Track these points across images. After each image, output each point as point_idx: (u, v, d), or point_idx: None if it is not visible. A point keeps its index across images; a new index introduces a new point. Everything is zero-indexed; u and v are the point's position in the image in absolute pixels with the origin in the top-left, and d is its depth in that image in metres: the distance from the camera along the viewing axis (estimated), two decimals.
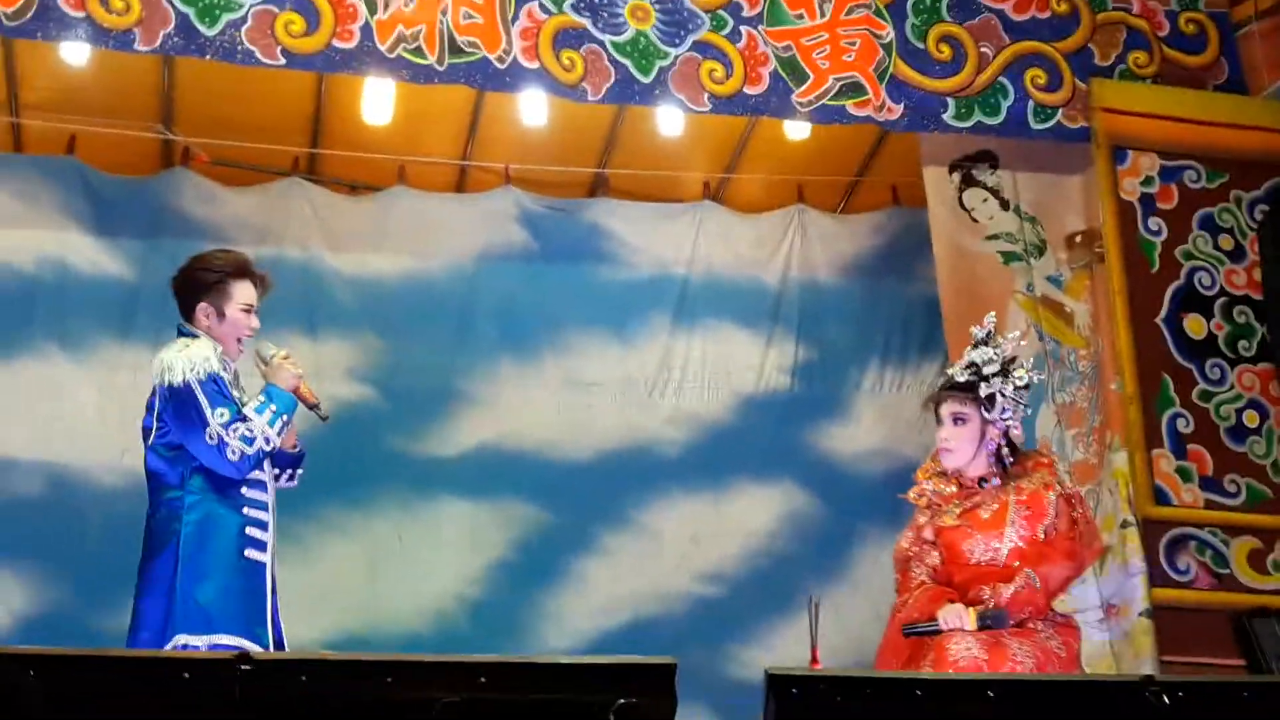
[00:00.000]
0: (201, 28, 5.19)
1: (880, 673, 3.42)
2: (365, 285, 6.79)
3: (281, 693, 2.44)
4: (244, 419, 4.06)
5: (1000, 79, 6.04)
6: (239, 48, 5.25)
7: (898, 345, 7.24)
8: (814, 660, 3.81)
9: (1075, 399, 5.98)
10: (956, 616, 3.83)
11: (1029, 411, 4.35)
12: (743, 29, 5.82)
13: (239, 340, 4.27)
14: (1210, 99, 6.25)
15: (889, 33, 5.93)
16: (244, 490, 4.14)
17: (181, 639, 3.89)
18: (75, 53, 5.70)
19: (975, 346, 4.17)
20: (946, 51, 6.01)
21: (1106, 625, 5.61)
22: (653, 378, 7.02)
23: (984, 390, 4.06)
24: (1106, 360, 5.90)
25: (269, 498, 4.22)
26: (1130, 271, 5.89)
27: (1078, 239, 6.20)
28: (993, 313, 4.26)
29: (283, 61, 5.33)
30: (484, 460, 6.73)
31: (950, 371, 4.22)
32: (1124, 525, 5.58)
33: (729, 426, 6.99)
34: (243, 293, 4.27)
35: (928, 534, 4.13)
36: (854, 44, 5.92)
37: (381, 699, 2.46)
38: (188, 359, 4.08)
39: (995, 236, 6.23)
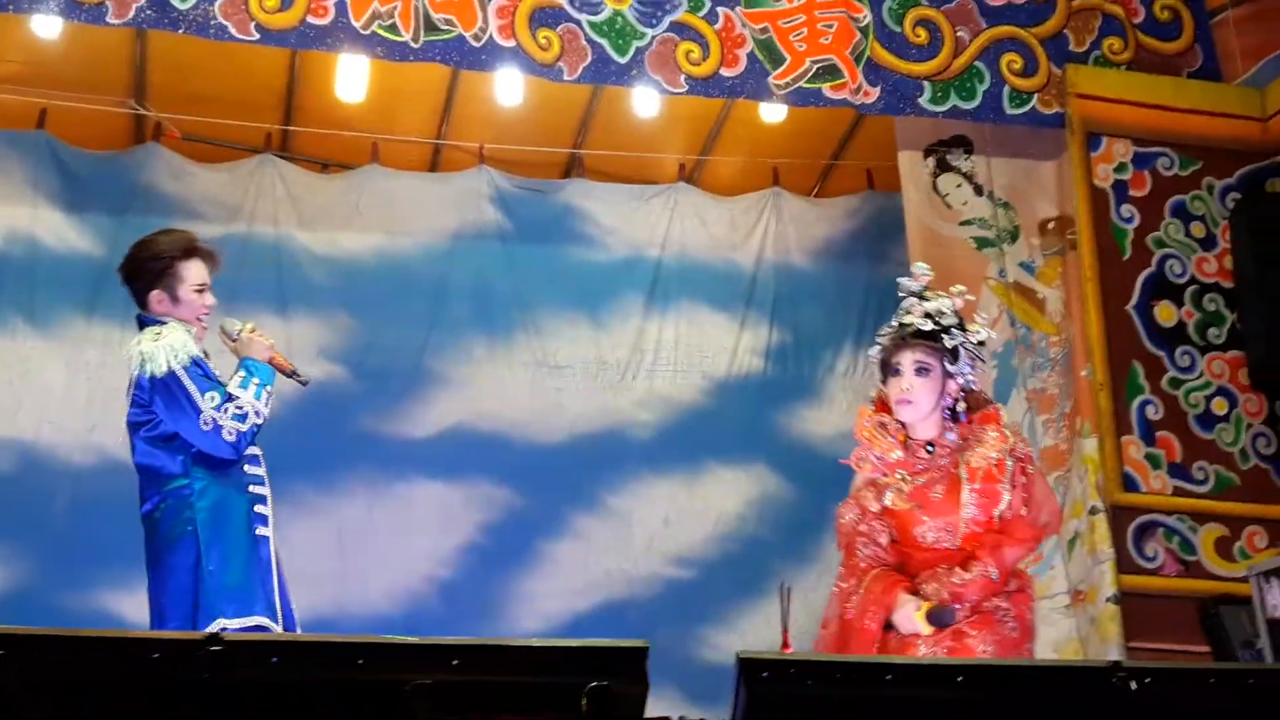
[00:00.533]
0: (175, 1, 5.15)
1: (851, 657, 3.42)
2: (337, 264, 6.76)
3: (252, 674, 2.43)
4: (232, 398, 4.02)
5: (976, 63, 6.06)
6: (212, 22, 5.21)
7: (871, 329, 7.19)
8: (785, 644, 3.81)
9: (1046, 385, 6.01)
10: (909, 621, 3.64)
11: (983, 368, 4.10)
12: (720, 10, 5.81)
13: (198, 319, 4.20)
14: (1184, 86, 6.27)
15: (866, 16, 5.94)
16: (245, 468, 4.12)
17: (221, 623, 3.85)
18: (46, 26, 5.64)
19: (919, 298, 3.88)
20: (923, 35, 6.02)
21: (1074, 611, 5.64)
22: (625, 360, 7.01)
23: (949, 341, 3.77)
24: (1077, 347, 5.93)
25: (264, 472, 4.18)
26: (1102, 258, 5.92)
27: (1051, 225, 6.22)
28: (924, 264, 4.00)
29: (256, 37, 5.29)
30: (455, 441, 6.71)
31: (907, 320, 3.84)
32: (1093, 511, 5.61)
33: (701, 409, 7.00)
34: (193, 273, 4.18)
35: (874, 506, 3.84)
36: (831, 27, 5.91)
37: (353, 681, 2.45)
38: (168, 346, 4.02)
39: (969, 222, 6.24)
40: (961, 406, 3.81)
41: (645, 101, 6.32)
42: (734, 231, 7.26)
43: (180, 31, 5.20)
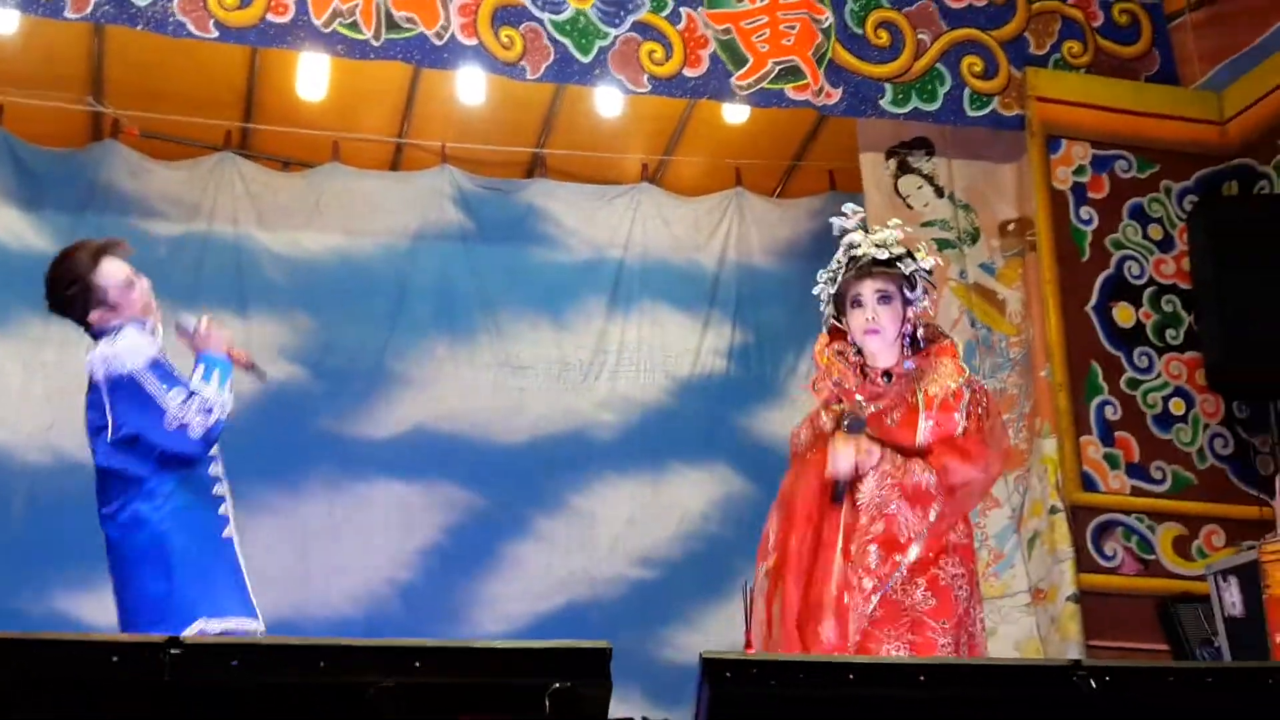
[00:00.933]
0: None
1: (813, 657, 3.43)
2: (297, 263, 6.71)
3: (212, 677, 2.41)
4: (194, 394, 3.96)
5: (937, 65, 6.09)
6: (170, 19, 5.17)
7: None
8: (748, 645, 3.81)
9: (1006, 385, 6.05)
10: (836, 457, 3.64)
11: (936, 296, 4.11)
12: (683, 10, 5.81)
13: (146, 310, 4.15)
14: (1142, 90, 6.33)
15: (828, 17, 5.96)
16: (209, 470, 4.07)
17: (200, 624, 3.83)
18: (3, 21, 5.58)
19: (864, 231, 3.89)
20: (885, 37, 6.05)
21: (1034, 609, 5.68)
22: (588, 361, 7.00)
23: (905, 268, 3.78)
24: (1037, 347, 5.97)
25: (223, 472, 4.15)
26: (1061, 260, 5.96)
27: (1010, 227, 6.26)
28: (851, 204, 4.02)
29: (215, 34, 5.25)
30: (417, 442, 6.68)
31: (858, 253, 3.83)
32: (1052, 511, 5.65)
33: (664, 410, 7.00)
34: (112, 273, 4.12)
35: (828, 428, 3.79)
36: (793, 28, 5.93)
37: (314, 683, 2.43)
38: (128, 348, 3.97)
39: (930, 224, 6.28)
40: (921, 333, 3.82)
41: (608, 101, 6.32)
42: (697, 232, 7.27)
43: (138, 28, 5.16)
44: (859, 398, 3.77)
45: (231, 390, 4.08)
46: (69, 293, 4.11)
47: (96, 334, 4.12)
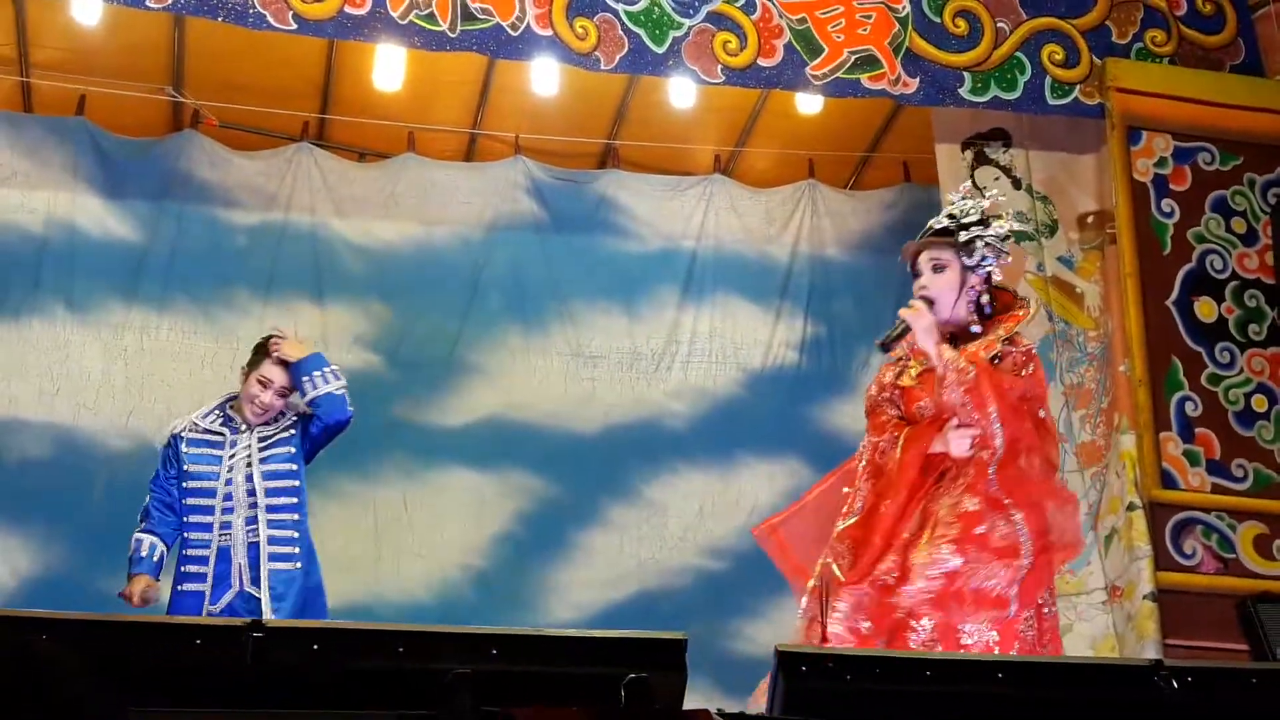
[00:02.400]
0: None
1: (890, 652, 3.41)
2: (373, 253, 6.78)
3: (293, 660, 2.44)
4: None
5: (1017, 54, 6.01)
6: (250, 11, 5.21)
7: None
8: (824, 638, 3.80)
9: (1084, 380, 5.97)
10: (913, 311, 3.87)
11: (1008, 260, 4.18)
12: (758, 0, 5.78)
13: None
14: (1226, 80, 6.21)
15: (905, 7, 5.90)
16: None
17: None
18: (86, 12, 5.68)
19: (954, 204, 4.09)
20: (963, 26, 5.98)
21: (1110, 607, 5.61)
22: (660, 351, 7.01)
23: (962, 236, 3.94)
24: (1116, 342, 5.88)
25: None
26: (1142, 253, 5.87)
27: (1089, 219, 6.17)
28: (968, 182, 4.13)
29: (294, 27, 5.30)
30: (490, 431, 6.72)
31: (930, 223, 4.08)
32: (1130, 508, 5.57)
33: (736, 401, 6.99)
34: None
35: (888, 378, 4.10)
36: (870, 17, 5.88)
37: (392, 668, 2.46)
38: None
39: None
40: (986, 299, 3.95)
41: (681, 92, 6.30)
42: (769, 224, 7.24)
43: (219, 19, 5.21)
44: (918, 360, 4.00)
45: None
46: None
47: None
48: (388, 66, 6.21)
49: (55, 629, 2.40)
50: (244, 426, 4.86)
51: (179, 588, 4.66)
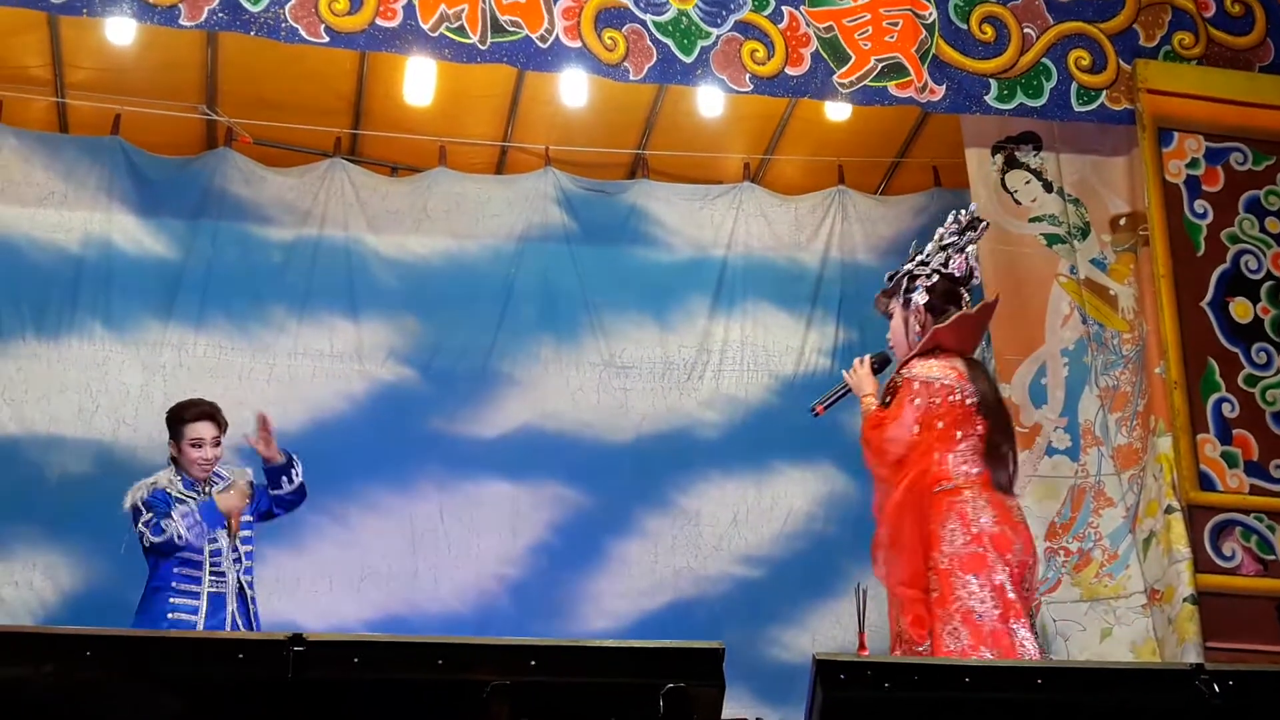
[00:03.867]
0: (246, 4, 5.20)
1: (928, 660, 3.41)
2: (406, 266, 6.82)
3: (333, 674, 2.46)
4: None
5: (1044, 60, 5.99)
6: (283, 25, 5.26)
7: None
8: (861, 646, 3.83)
9: (1119, 383, 5.94)
10: (854, 375, 4.58)
11: (957, 255, 4.59)
12: (784, 9, 5.79)
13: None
14: (1256, 80, 6.17)
15: (931, 13, 5.89)
16: None
17: None
18: (120, 32, 5.74)
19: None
20: (989, 32, 5.97)
21: (1150, 610, 5.57)
22: (692, 360, 7.02)
23: (892, 283, 4.57)
24: (1151, 344, 5.85)
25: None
26: (1175, 254, 5.84)
27: (1122, 221, 6.15)
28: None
29: (326, 40, 5.34)
30: (524, 442, 6.75)
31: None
32: (1169, 510, 5.54)
33: (768, 409, 6.98)
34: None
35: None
36: (896, 25, 5.88)
37: (432, 681, 2.47)
38: None
39: (1038, 219, 6.18)
40: (917, 329, 4.46)
41: (710, 101, 6.32)
42: (799, 231, 7.24)
43: (252, 34, 5.26)
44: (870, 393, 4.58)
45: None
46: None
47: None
48: (418, 81, 6.25)
49: (98, 646, 2.43)
50: (204, 490, 5.17)
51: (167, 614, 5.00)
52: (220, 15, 5.23)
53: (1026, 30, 6.00)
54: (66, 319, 6.37)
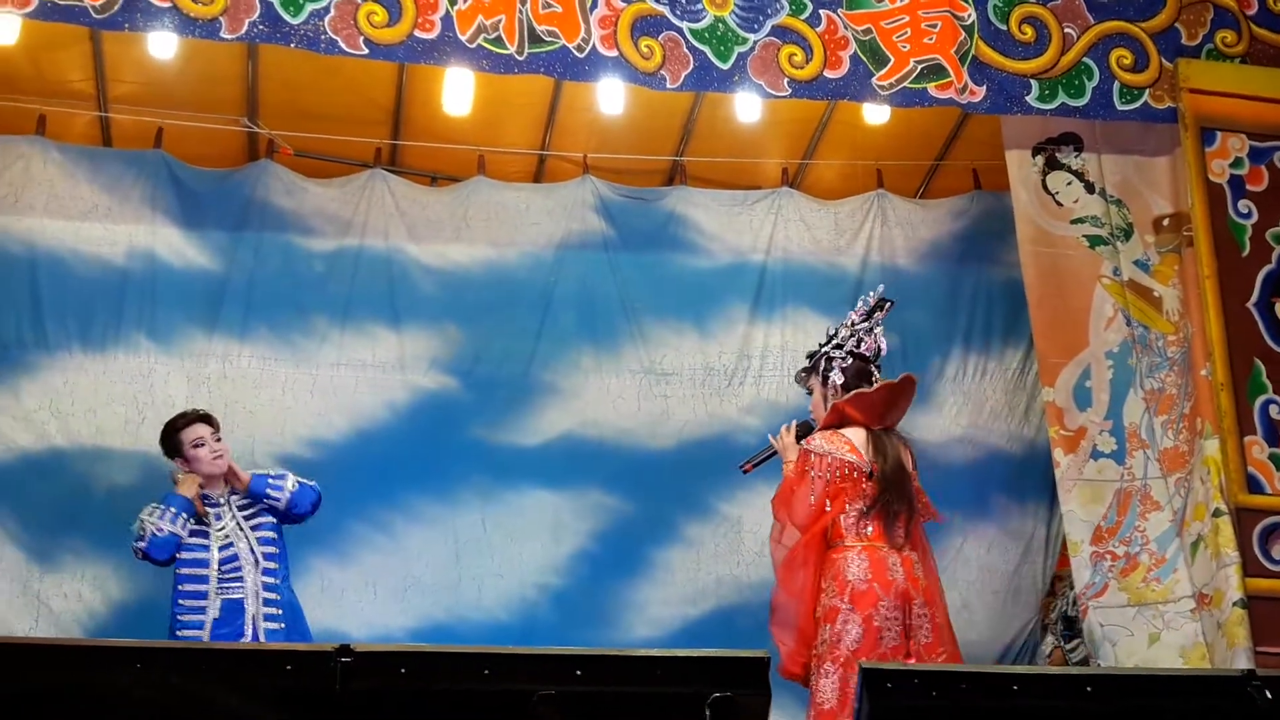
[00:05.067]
0: (286, 16, 5.23)
1: (975, 667, 3.39)
2: (447, 275, 6.83)
3: (381, 684, 2.47)
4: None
5: (1085, 60, 5.95)
6: (323, 37, 5.29)
7: (980, 331, 7.17)
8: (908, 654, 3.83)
9: (1164, 385, 5.88)
10: (780, 441, 5.22)
11: (867, 336, 5.26)
12: (822, 13, 5.77)
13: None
14: None
15: (970, 14, 5.86)
16: None
17: None
18: (161, 46, 5.80)
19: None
20: (1029, 33, 5.94)
21: (1199, 615, 5.52)
22: (732, 366, 7.00)
23: (810, 362, 5.26)
24: (1196, 346, 5.80)
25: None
26: (1220, 255, 5.78)
27: (1165, 222, 6.09)
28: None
29: (365, 51, 5.36)
30: (565, 450, 6.76)
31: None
32: (1216, 514, 5.48)
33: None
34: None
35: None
36: (935, 26, 5.85)
37: (478, 691, 2.49)
38: None
39: (1081, 220, 6.14)
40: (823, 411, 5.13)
41: (747, 107, 6.31)
42: (839, 235, 7.22)
43: (292, 46, 5.29)
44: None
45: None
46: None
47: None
48: (457, 91, 6.28)
49: (147, 658, 2.45)
50: (223, 499, 5.39)
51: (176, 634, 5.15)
52: (261, 28, 5.27)
53: (1067, 30, 5.96)
54: (112, 332, 6.42)
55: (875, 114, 6.48)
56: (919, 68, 5.80)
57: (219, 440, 5.41)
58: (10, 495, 6.19)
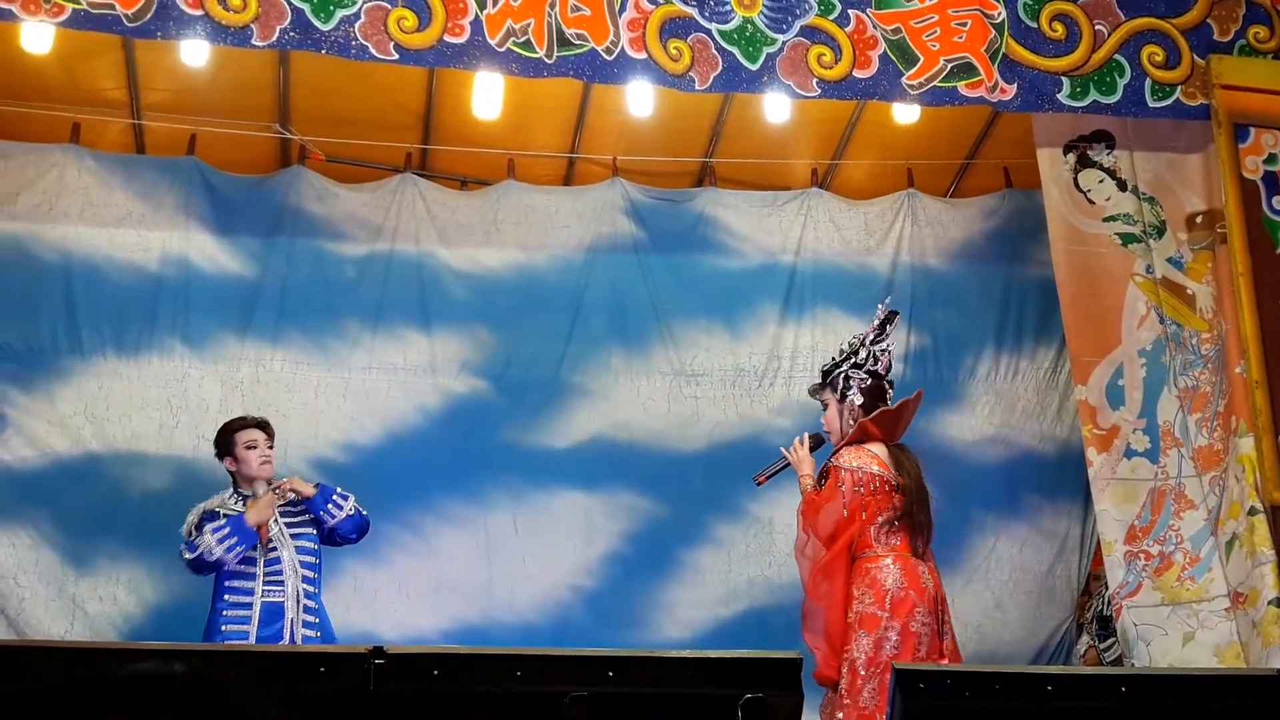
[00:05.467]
0: (316, 23, 5.26)
1: (1008, 668, 3.38)
2: (477, 279, 6.86)
3: (413, 686, 2.48)
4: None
5: (1116, 57, 5.91)
6: (353, 43, 5.31)
7: (1012, 330, 7.14)
8: (943, 655, 3.82)
9: (1198, 383, 5.84)
10: (794, 454, 5.30)
11: (882, 355, 5.34)
12: (851, 13, 5.75)
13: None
14: None
15: (1000, 12, 5.84)
16: None
17: None
18: (194, 54, 5.83)
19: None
20: (1060, 30, 5.90)
21: (1233, 614, 5.48)
22: (763, 367, 7.00)
23: (829, 378, 5.32)
24: (1230, 343, 5.75)
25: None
26: (1254, 252, 5.73)
27: (1199, 219, 6.05)
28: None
29: (395, 56, 5.38)
30: (596, 452, 6.77)
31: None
32: (1251, 512, 5.44)
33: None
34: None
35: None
36: (965, 25, 5.83)
37: (511, 692, 2.49)
38: None
39: (1113, 218, 6.10)
40: (850, 425, 5.20)
41: (776, 107, 6.30)
42: (868, 235, 7.20)
43: (322, 52, 5.31)
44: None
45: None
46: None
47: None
48: (486, 95, 6.29)
49: (182, 660, 2.47)
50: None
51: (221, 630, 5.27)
52: (291, 34, 5.29)
53: (1098, 27, 5.93)
54: (146, 337, 6.48)
55: (905, 113, 6.46)
56: (949, 66, 5.77)
57: (270, 448, 5.56)
58: (46, 499, 6.25)
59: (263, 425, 5.61)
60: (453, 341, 6.77)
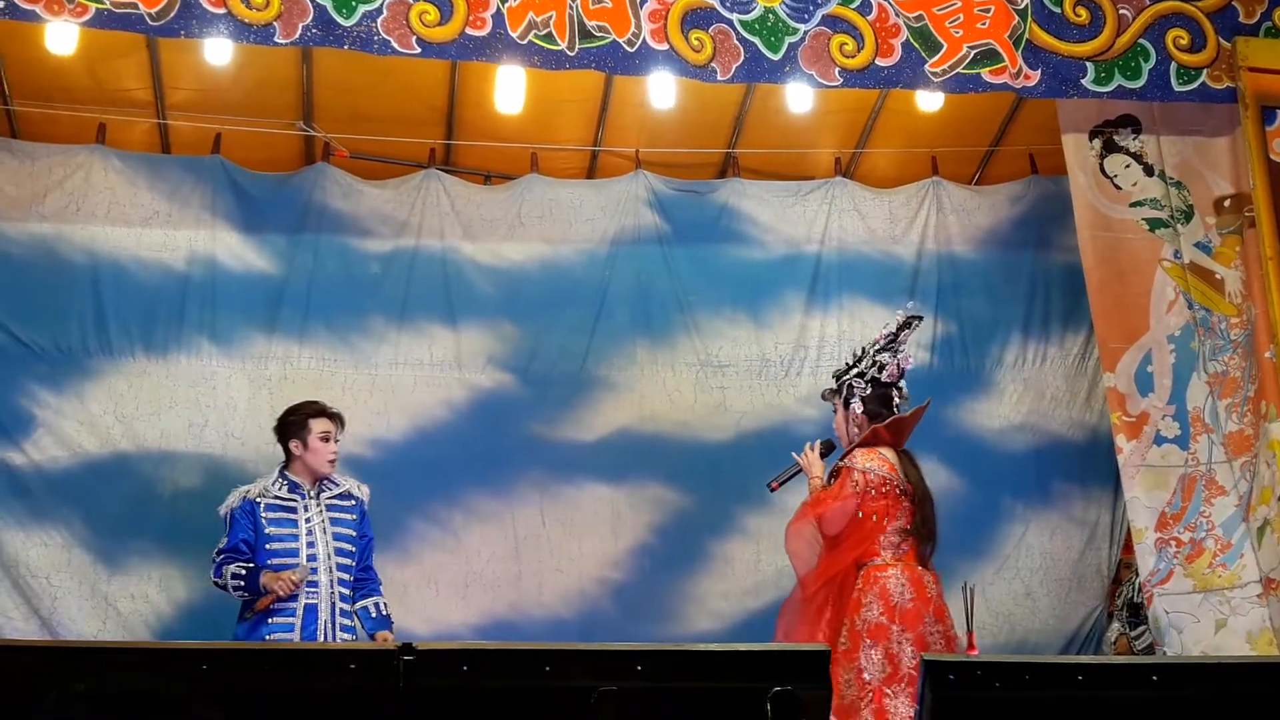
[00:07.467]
0: (338, 19, 5.27)
1: (1039, 658, 3.37)
2: (502, 273, 6.87)
3: (443, 682, 2.49)
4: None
5: (1141, 41, 5.87)
6: (375, 38, 5.32)
7: (1039, 317, 7.11)
8: (970, 646, 3.82)
9: (1228, 368, 5.81)
10: (805, 459, 5.36)
11: (890, 362, 5.39)
12: (873, 1, 5.73)
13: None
14: None
15: None
16: None
17: None
18: (217, 52, 5.86)
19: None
20: (1084, 15, 5.86)
21: (1265, 600, 5.44)
22: (789, 357, 6.99)
23: (835, 386, 5.46)
24: (1260, 328, 5.71)
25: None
26: None
27: (1226, 203, 6.01)
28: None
29: (418, 50, 5.39)
30: (622, 444, 6.78)
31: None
32: None
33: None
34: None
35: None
36: (988, 11, 5.79)
37: (540, 688, 2.50)
38: None
39: (1140, 203, 6.06)
40: (856, 431, 5.30)
41: (799, 97, 6.29)
42: (893, 224, 7.17)
43: (345, 47, 5.32)
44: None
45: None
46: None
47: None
48: (509, 89, 6.30)
49: (213, 660, 2.48)
50: (311, 493, 5.49)
51: (265, 635, 5.21)
52: (314, 31, 5.30)
53: (1122, 11, 5.88)
54: (174, 336, 6.51)
55: (928, 101, 6.43)
56: (972, 53, 5.74)
57: (337, 442, 5.57)
58: (77, 499, 6.29)
59: (338, 418, 5.61)
60: (478, 336, 6.78)
